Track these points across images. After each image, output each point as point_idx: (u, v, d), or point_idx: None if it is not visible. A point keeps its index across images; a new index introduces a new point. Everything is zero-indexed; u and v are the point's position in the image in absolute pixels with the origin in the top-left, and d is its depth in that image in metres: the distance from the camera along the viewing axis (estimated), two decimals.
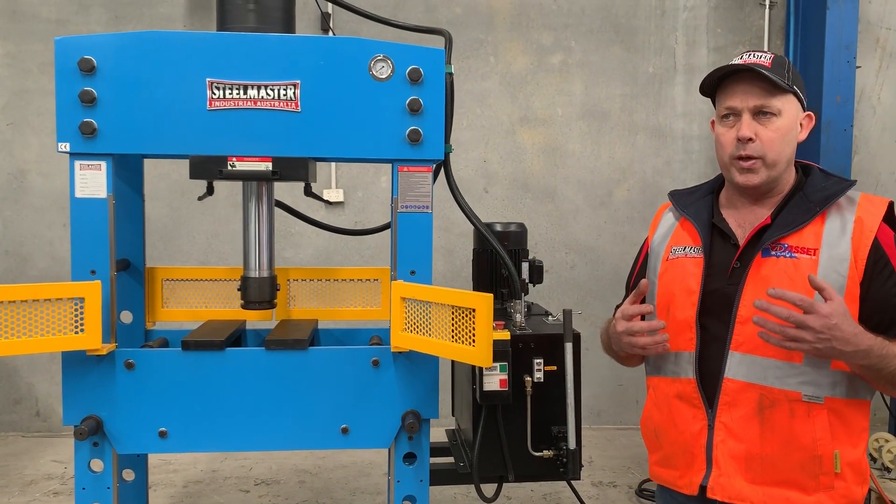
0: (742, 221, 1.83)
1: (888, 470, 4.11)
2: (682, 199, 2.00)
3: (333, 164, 5.26)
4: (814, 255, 1.66)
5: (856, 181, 1.78)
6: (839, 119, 5.08)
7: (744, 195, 1.83)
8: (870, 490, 3.85)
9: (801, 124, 1.78)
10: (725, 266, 1.78)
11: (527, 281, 3.19)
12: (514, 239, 3.22)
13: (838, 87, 5.06)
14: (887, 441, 4.17)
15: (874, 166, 5.49)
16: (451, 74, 2.57)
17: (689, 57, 5.47)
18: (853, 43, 5.06)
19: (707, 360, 1.78)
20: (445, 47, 2.60)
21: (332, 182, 5.31)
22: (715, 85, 1.81)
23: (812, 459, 1.66)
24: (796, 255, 1.67)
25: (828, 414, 1.65)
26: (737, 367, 1.72)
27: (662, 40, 5.45)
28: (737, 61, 1.77)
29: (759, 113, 1.72)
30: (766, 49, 5.35)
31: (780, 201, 1.79)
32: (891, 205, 1.72)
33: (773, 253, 1.70)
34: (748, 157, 1.72)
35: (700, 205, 1.92)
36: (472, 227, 2.94)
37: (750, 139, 1.71)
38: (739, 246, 1.78)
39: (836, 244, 1.66)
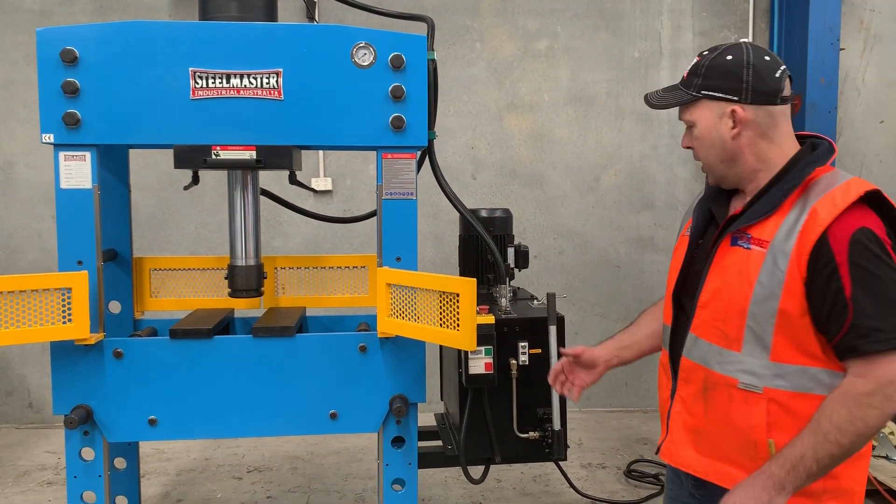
0: (736, 208, 1.79)
1: (873, 447, 4.18)
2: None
3: (321, 152, 5.26)
4: (764, 247, 1.61)
5: (829, 166, 1.66)
6: (823, 101, 5.11)
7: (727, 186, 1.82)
8: None
9: (732, 118, 1.67)
10: (708, 250, 1.79)
11: (512, 266, 3.22)
12: (500, 224, 3.24)
13: (822, 69, 5.09)
14: None
15: (859, 148, 5.52)
16: (433, 61, 2.59)
17: (674, 41, 5.48)
18: (837, 25, 5.09)
19: (678, 336, 1.83)
20: (427, 34, 2.62)
21: (321, 170, 5.32)
22: None
23: (748, 444, 1.66)
24: (752, 246, 1.64)
25: (767, 403, 1.62)
26: (691, 347, 1.75)
27: (648, 24, 5.46)
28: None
29: (687, 125, 1.78)
30: (735, 40, 5.39)
31: (761, 190, 1.71)
32: (872, 192, 1.57)
33: (739, 242, 1.68)
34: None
35: (720, 189, 1.88)
36: (460, 214, 2.96)
37: (689, 147, 1.79)
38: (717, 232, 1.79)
39: (786, 238, 1.58)
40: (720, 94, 1.67)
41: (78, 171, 2.43)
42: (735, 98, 1.66)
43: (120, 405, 2.51)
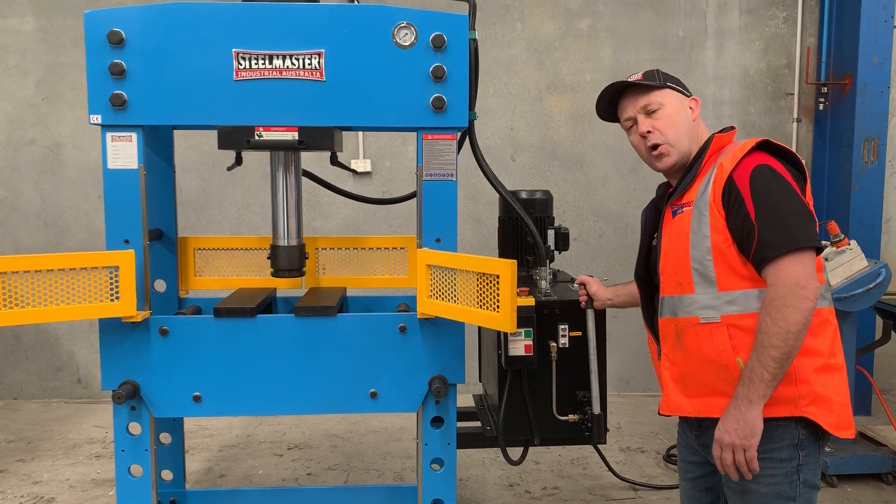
0: (671, 189, 2.14)
1: None
2: None
3: (361, 133, 5.28)
4: (691, 205, 1.93)
5: (713, 135, 2.01)
6: (875, 81, 4.96)
7: (671, 176, 2.11)
8: None
9: (690, 108, 2.06)
10: (660, 231, 2.10)
11: (552, 248, 3.19)
12: (540, 206, 3.21)
13: (875, 47, 4.93)
14: None
15: None
16: (474, 41, 2.57)
17: (720, 20, 5.36)
18: (891, 1, 4.92)
19: (650, 310, 2.16)
20: (469, 13, 2.60)
21: (360, 152, 5.34)
22: (611, 112, 2.19)
23: (721, 369, 1.89)
24: (684, 209, 1.96)
25: (727, 329, 1.87)
26: (662, 307, 2.05)
27: (693, 3, 5.34)
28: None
29: (648, 111, 2.04)
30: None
31: (686, 167, 2.05)
32: (763, 142, 1.91)
33: (676, 212, 2.00)
34: (656, 145, 2.03)
35: (659, 194, 2.22)
36: (499, 196, 2.95)
37: (649, 131, 2.03)
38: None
39: (704, 191, 1.91)
40: (680, 89, 2.07)
41: (124, 152, 2.47)
42: (688, 95, 2.08)
43: (165, 381, 2.56)
